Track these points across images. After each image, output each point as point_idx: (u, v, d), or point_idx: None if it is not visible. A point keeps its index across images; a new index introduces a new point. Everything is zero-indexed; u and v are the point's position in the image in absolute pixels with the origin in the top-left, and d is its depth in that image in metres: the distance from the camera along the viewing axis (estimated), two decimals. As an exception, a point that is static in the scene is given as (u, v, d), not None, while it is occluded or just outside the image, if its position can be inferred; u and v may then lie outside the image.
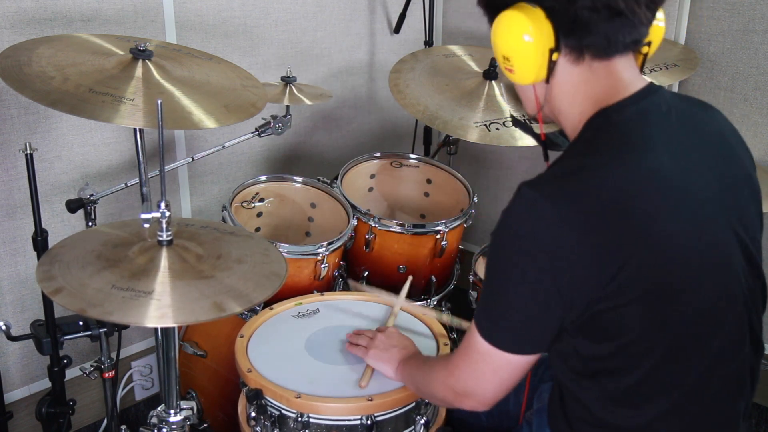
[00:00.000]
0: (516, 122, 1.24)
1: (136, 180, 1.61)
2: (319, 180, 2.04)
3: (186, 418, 1.38)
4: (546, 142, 1.17)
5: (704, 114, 1.12)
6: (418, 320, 1.63)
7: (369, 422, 1.32)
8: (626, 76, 1.04)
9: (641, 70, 1.09)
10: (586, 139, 1.03)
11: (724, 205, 1.04)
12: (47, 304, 1.58)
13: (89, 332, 1.58)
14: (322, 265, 1.78)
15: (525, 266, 0.97)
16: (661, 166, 0.99)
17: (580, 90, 1.04)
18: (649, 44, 1.06)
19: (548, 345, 1.05)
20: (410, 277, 1.81)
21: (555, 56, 1.01)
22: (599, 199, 0.94)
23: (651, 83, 1.07)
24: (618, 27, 0.99)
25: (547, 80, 1.04)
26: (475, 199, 2.06)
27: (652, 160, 0.98)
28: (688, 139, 1.05)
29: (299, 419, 1.32)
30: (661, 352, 1.01)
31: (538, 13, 0.99)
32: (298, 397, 1.31)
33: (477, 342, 1.06)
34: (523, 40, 1.00)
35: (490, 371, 1.08)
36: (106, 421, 1.81)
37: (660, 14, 1.06)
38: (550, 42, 1.00)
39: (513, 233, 0.98)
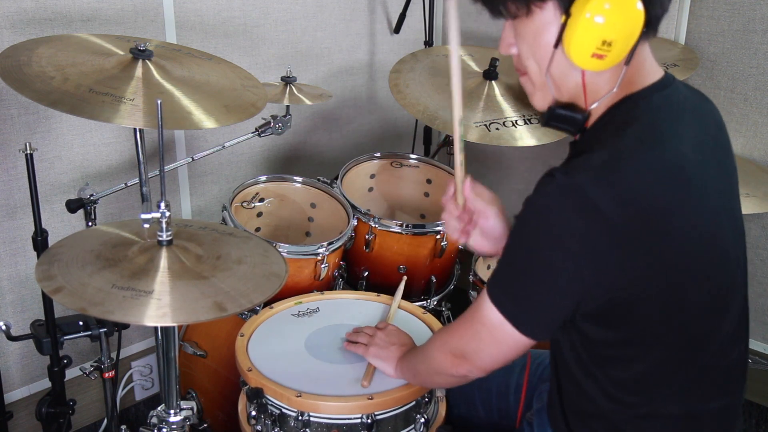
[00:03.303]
0: (552, 116, 1.10)
1: (136, 180, 1.61)
2: (319, 180, 2.04)
3: (186, 418, 1.38)
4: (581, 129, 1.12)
5: (706, 106, 1.14)
6: (418, 320, 1.63)
7: (369, 421, 1.32)
8: (649, 62, 1.05)
9: None
10: (615, 126, 1.01)
11: (726, 199, 1.07)
12: (47, 304, 1.58)
13: (89, 332, 1.58)
14: (322, 265, 1.78)
15: (553, 253, 0.97)
16: (684, 158, 0.99)
17: (625, 73, 1.02)
18: None
19: (554, 331, 1.06)
20: (404, 278, 1.80)
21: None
22: (630, 190, 0.94)
23: (668, 72, 1.07)
24: (668, 4, 1.00)
25: (628, 62, 1.01)
26: (475, 198, 2.06)
27: (677, 153, 0.99)
28: (701, 132, 1.06)
29: (300, 418, 1.32)
30: (670, 342, 1.03)
31: None
32: (298, 396, 1.31)
33: (488, 313, 1.05)
34: (633, 21, 0.95)
35: (492, 341, 1.08)
36: (106, 421, 1.81)
37: None
38: (644, 20, 0.97)
39: (544, 219, 0.97)
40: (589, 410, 1.10)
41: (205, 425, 1.54)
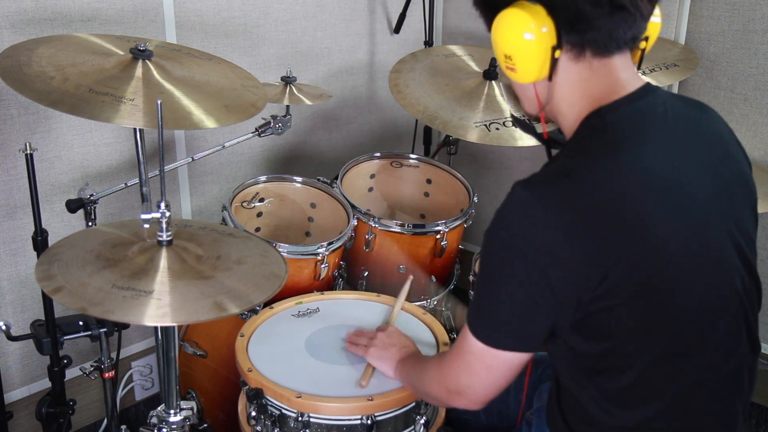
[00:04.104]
0: (516, 121, 1.24)
1: (136, 180, 1.61)
2: (319, 180, 2.04)
3: (186, 418, 1.38)
4: (549, 141, 1.16)
5: (701, 115, 1.13)
6: (419, 321, 1.63)
7: (369, 422, 1.32)
8: (624, 75, 1.04)
9: (639, 66, 1.09)
10: (580, 140, 1.04)
11: (719, 206, 1.04)
12: (47, 304, 1.58)
13: (89, 332, 1.58)
14: (322, 265, 1.78)
15: (516, 265, 0.98)
16: (653, 166, 0.99)
17: (579, 88, 1.05)
18: (646, 39, 1.07)
19: (540, 343, 1.06)
20: (411, 277, 1.80)
21: (557, 53, 1.01)
22: (590, 200, 0.95)
23: (648, 83, 1.07)
24: (619, 22, 0.99)
25: (550, 78, 1.04)
26: (475, 199, 2.06)
27: (644, 161, 0.99)
28: (683, 140, 1.05)
29: (299, 419, 1.32)
30: (654, 353, 1.01)
31: (539, 10, 0.99)
32: (298, 397, 1.31)
33: (470, 341, 1.06)
34: (525, 38, 1.00)
35: (483, 369, 1.08)
36: (106, 421, 1.81)
37: (656, 10, 1.07)
38: (552, 39, 1.00)
39: (505, 232, 0.99)
40: (583, 418, 1.10)
41: (205, 425, 1.54)
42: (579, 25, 0.99)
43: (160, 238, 1.21)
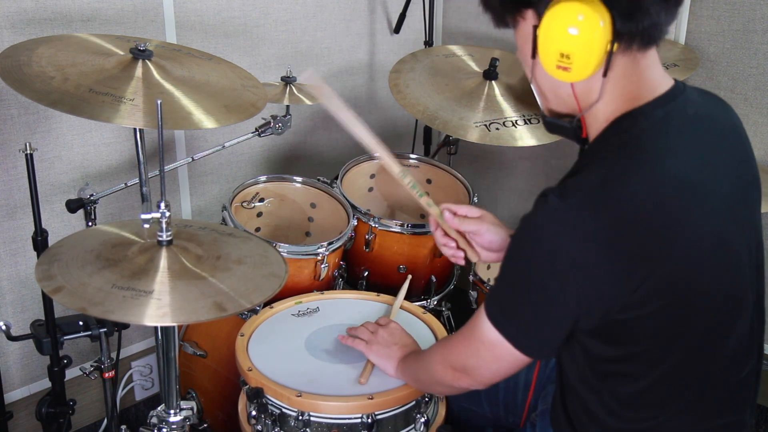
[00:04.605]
0: (549, 123, 1.12)
1: (136, 180, 1.61)
2: (319, 180, 2.04)
3: (186, 418, 1.38)
4: (586, 139, 1.09)
5: (724, 114, 1.11)
6: (418, 320, 1.63)
7: (369, 420, 1.32)
8: (656, 73, 1.02)
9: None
10: (613, 145, 1.00)
11: (739, 210, 1.04)
12: (47, 304, 1.58)
13: (89, 332, 1.58)
14: (322, 265, 1.78)
15: (547, 275, 0.96)
16: (686, 175, 0.97)
17: (619, 85, 1.00)
18: None
19: (556, 350, 1.06)
20: (409, 277, 1.81)
21: (615, 47, 0.95)
22: (626, 212, 0.92)
23: (677, 83, 1.04)
24: (669, 8, 0.97)
25: (605, 74, 0.98)
26: (476, 199, 2.06)
27: (677, 170, 0.96)
28: (711, 144, 1.04)
29: (300, 418, 1.32)
30: (675, 359, 1.01)
31: (595, 1, 0.93)
32: (298, 396, 1.31)
33: (486, 330, 1.05)
34: (589, 33, 0.93)
35: (492, 358, 1.08)
36: (106, 421, 1.81)
37: None
38: (609, 32, 0.94)
39: (540, 244, 0.96)
40: (589, 419, 1.10)
41: (205, 425, 1.54)
42: (637, 14, 0.94)
43: (160, 238, 1.21)
